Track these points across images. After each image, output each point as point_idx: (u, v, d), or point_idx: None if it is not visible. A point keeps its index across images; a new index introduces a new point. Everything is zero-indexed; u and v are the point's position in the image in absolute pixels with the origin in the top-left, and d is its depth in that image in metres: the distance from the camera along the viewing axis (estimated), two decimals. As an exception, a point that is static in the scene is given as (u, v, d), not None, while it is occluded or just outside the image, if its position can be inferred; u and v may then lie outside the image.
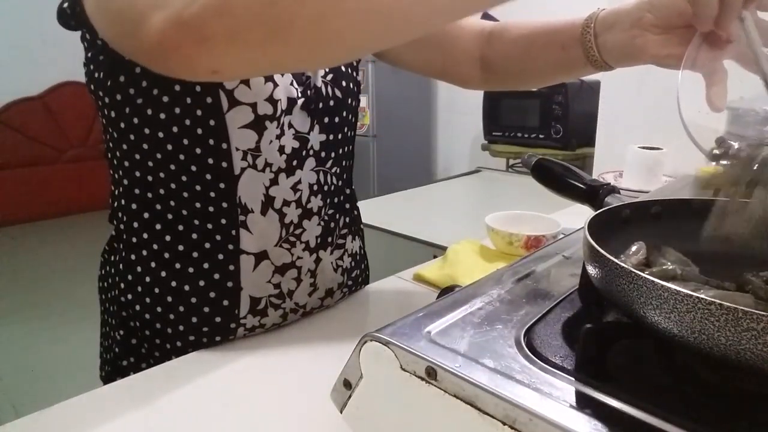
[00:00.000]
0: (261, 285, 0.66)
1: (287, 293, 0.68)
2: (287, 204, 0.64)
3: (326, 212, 0.70)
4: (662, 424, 0.31)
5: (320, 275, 0.71)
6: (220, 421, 0.53)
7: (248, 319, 0.66)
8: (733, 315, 0.29)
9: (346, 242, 0.75)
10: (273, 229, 0.64)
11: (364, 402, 0.41)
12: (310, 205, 0.67)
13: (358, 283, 0.80)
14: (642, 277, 0.33)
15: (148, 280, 0.64)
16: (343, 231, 0.74)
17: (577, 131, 2.43)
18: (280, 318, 0.70)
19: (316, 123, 0.65)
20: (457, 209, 1.89)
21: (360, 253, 0.80)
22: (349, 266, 0.76)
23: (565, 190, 0.63)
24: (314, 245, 0.69)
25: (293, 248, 0.67)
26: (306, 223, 0.67)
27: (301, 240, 0.67)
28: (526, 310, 0.44)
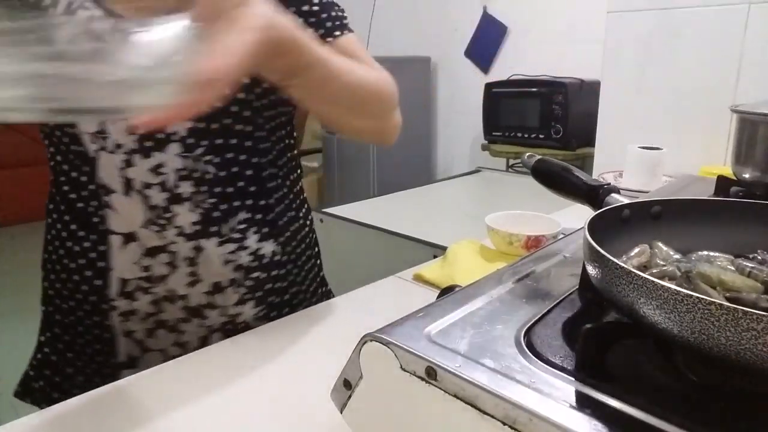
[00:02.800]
0: (129, 266, 0.67)
1: (158, 278, 0.68)
2: (149, 186, 0.66)
3: (204, 200, 0.68)
4: (662, 424, 0.31)
5: (203, 265, 0.69)
6: (221, 421, 0.53)
7: (118, 302, 0.69)
8: (733, 315, 0.29)
9: (247, 239, 0.71)
10: (137, 210, 0.66)
11: (364, 402, 0.41)
12: (180, 191, 0.67)
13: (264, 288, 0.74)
14: (642, 277, 0.33)
15: (54, 257, 0.73)
16: (241, 226, 0.71)
17: (577, 131, 2.43)
18: (152, 305, 0.69)
19: None
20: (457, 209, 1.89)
21: (274, 259, 0.74)
22: (251, 265, 0.72)
23: (565, 190, 0.63)
24: (191, 232, 0.68)
25: (164, 231, 0.67)
26: (176, 208, 0.67)
27: (174, 224, 0.67)
28: (526, 310, 0.44)
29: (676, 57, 1.26)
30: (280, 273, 0.76)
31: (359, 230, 1.56)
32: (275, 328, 0.71)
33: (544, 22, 2.85)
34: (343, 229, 1.61)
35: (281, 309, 0.77)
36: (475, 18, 3.11)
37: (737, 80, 1.17)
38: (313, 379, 0.58)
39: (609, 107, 1.41)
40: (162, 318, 0.70)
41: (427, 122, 3.49)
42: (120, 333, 0.71)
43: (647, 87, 1.32)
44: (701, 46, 1.21)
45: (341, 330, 0.70)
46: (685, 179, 0.95)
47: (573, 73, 2.56)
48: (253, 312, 0.74)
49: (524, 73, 2.82)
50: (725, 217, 0.50)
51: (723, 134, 1.21)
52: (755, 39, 1.14)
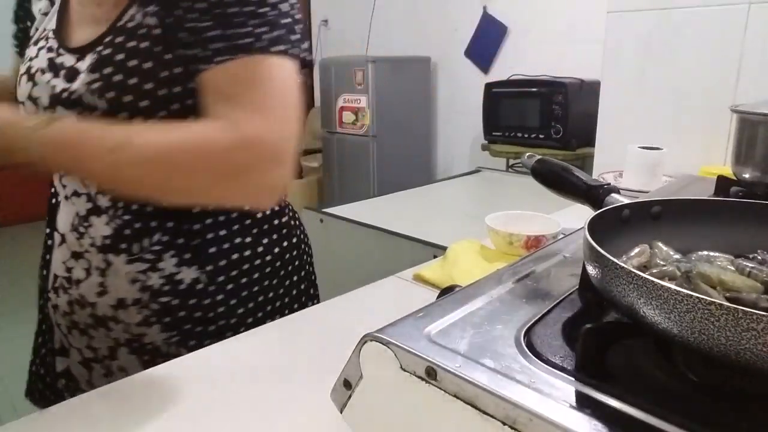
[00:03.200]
0: (60, 264, 0.72)
1: (75, 281, 0.71)
2: (77, 195, 0.70)
3: (118, 215, 0.68)
4: (662, 424, 0.31)
5: (111, 278, 0.68)
6: (220, 421, 0.53)
7: (51, 295, 0.74)
8: (733, 315, 0.29)
9: (162, 261, 0.68)
10: (69, 215, 0.71)
11: (364, 402, 0.41)
12: (100, 203, 0.69)
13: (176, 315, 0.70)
14: (642, 277, 0.33)
15: None
16: (155, 247, 0.68)
17: (577, 131, 2.43)
18: (67, 305, 0.72)
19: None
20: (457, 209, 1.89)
21: (195, 287, 0.70)
22: (162, 289, 0.69)
23: (565, 190, 0.63)
24: (101, 245, 0.68)
25: (81, 239, 0.70)
26: (94, 219, 0.69)
27: (89, 234, 0.69)
28: (526, 310, 0.44)
29: (676, 57, 1.26)
30: (203, 302, 0.71)
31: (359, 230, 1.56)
32: (275, 329, 0.71)
33: (544, 22, 2.85)
34: (343, 229, 1.61)
35: (203, 339, 0.71)
36: (475, 18, 3.12)
37: (737, 80, 1.17)
38: (312, 379, 0.58)
39: (609, 107, 1.41)
40: (74, 319, 0.72)
41: (427, 122, 3.49)
42: (54, 322, 0.75)
43: (647, 87, 1.32)
44: (701, 46, 1.21)
45: (341, 330, 0.70)
46: (685, 179, 0.95)
47: (573, 73, 2.56)
48: (162, 336, 0.70)
49: (524, 73, 2.82)
50: (725, 217, 0.50)
51: (723, 134, 1.21)
52: (755, 39, 1.14)
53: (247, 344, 0.67)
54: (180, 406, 0.55)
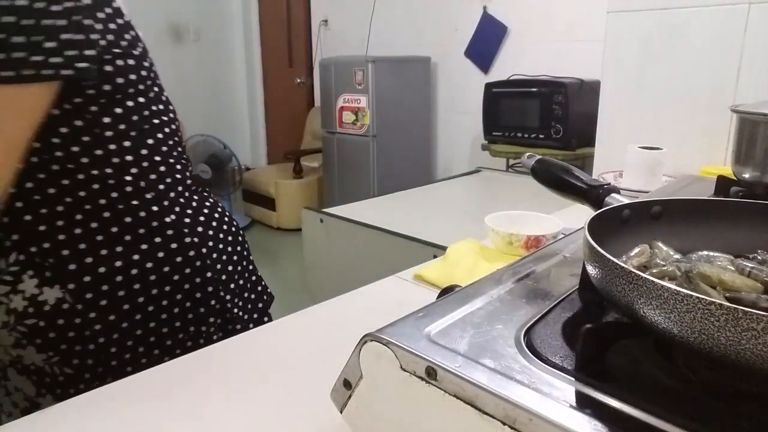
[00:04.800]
0: None
1: None
2: None
3: None
4: (662, 424, 0.31)
5: None
6: (221, 421, 0.53)
7: None
8: (733, 315, 0.29)
9: (22, 282, 0.65)
10: None
11: (364, 402, 0.41)
12: None
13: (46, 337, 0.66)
14: (642, 278, 0.33)
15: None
16: (12, 268, 0.65)
17: (577, 131, 2.43)
18: None
19: None
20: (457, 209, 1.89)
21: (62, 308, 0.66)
22: (25, 311, 0.65)
23: (565, 190, 0.63)
24: None
25: None
26: None
27: None
28: (526, 310, 0.44)
29: (676, 57, 1.26)
30: (74, 322, 0.67)
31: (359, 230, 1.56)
32: (275, 329, 0.71)
33: (544, 22, 2.85)
34: (343, 229, 1.61)
35: (86, 358, 0.68)
36: (475, 18, 3.12)
37: (737, 80, 1.17)
38: (312, 379, 0.58)
39: (609, 107, 1.41)
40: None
41: (427, 122, 3.49)
42: None
43: (647, 87, 1.32)
44: (701, 46, 1.21)
45: (341, 330, 0.70)
46: (685, 179, 0.95)
47: (573, 73, 2.56)
48: (40, 357, 0.67)
49: (524, 73, 2.82)
50: (725, 217, 0.50)
51: (723, 134, 1.21)
52: (755, 39, 1.13)
53: (246, 344, 0.67)
54: (179, 407, 0.55)
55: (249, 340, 0.68)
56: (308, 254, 1.73)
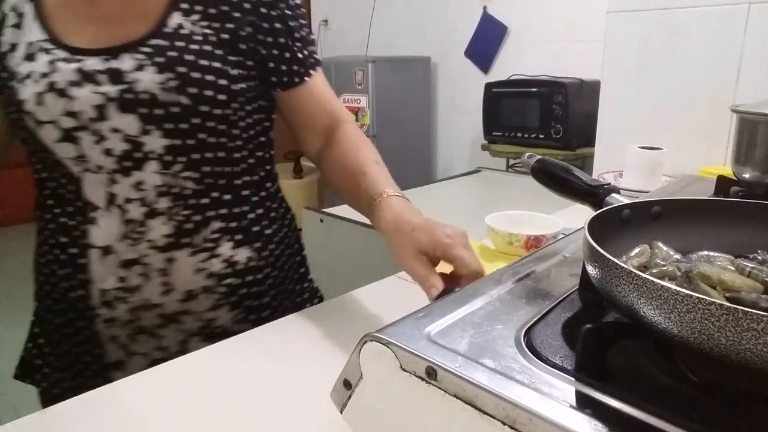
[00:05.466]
0: (107, 277, 0.70)
1: (133, 288, 0.70)
2: (129, 201, 0.68)
3: (178, 213, 0.70)
4: (662, 424, 0.31)
5: (174, 275, 0.71)
6: (220, 421, 0.53)
7: (100, 310, 0.71)
8: (734, 315, 0.29)
9: (219, 247, 0.73)
10: (114, 224, 0.68)
11: (364, 402, 0.41)
12: (157, 206, 0.69)
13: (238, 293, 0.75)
14: (642, 278, 0.33)
15: (43, 260, 0.75)
16: (214, 236, 0.72)
17: (577, 131, 2.43)
18: (129, 313, 0.71)
19: (153, 128, 0.67)
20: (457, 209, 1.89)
21: (249, 265, 0.76)
22: (224, 272, 0.73)
23: (565, 189, 0.63)
24: (163, 244, 0.70)
25: (137, 245, 0.69)
26: (150, 222, 0.69)
27: (146, 238, 0.69)
28: (526, 310, 0.44)
29: (676, 57, 1.26)
30: (256, 278, 0.77)
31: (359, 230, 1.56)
32: (275, 329, 0.71)
33: (544, 22, 2.85)
34: (343, 229, 1.60)
35: (261, 311, 0.78)
36: (475, 18, 3.12)
37: (737, 80, 1.17)
38: (312, 379, 0.58)
39: (609, 107, 1.41)
40: (141, 324, 0.72)
41: (427, 122, 3.49)
42: (105, 338, 0.73)
43: (647, 87, 1.32)
44: (701, 46, 1.21)
45: (341, 330, 0.70)
46: (685, 179, 0.95)
47: (573, 73, 2.56)
48: (230, 316, 0.75)
49: (524, 73, 2.82)
50: (725, 217, 0.50)
51: (723, 134, 1.21)
52: (755, 39, 1.13)
53: (246, 344, 0.67)
54: (178, 407, 0.55)
55: (249, 339, 0.68)
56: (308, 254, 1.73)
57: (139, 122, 0.66)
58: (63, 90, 0.65)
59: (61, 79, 0.65)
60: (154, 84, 0.65)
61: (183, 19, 0.68)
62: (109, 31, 0.67)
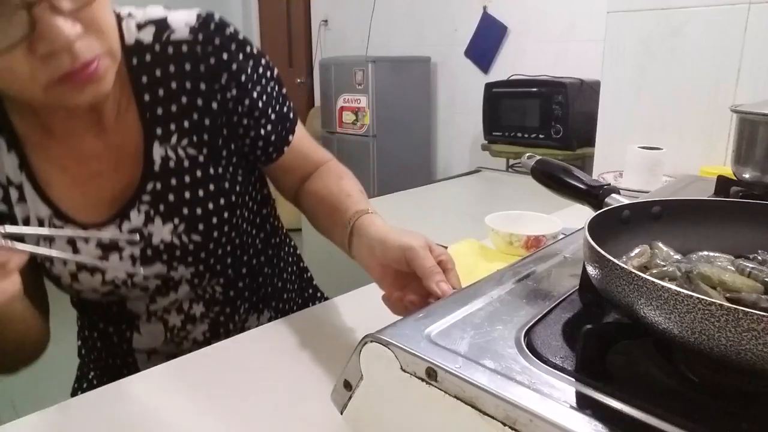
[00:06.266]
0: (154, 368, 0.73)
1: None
2: (168, 312, 0.74)
3: (212, 314, 0.76)
4: (662, 424, 0.31)
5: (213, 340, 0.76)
6: (220, 422, 0.53)
7: None
8: (734, 315, 0.29)
9: (249, 321, 0.81)
10: (158, 332, 0.74)
11: (365, 403, 0.41)
12: (192, 312, 0.75)
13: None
14: (642, 278, 0.33)
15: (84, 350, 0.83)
16: (243, 316, 0.80)
17: (577, 131, 2.43)
18: None
19: (178, 265, 0.70)
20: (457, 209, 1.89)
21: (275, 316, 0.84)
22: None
23: (565, 190, 0.63)
24: (203, 340, 0.76)
25: (181, 345, 0.76)
26: (190, 327, 0.75)
27: (188, 339, 0.76)
28: (526, 310, 0.44)
29: (676, 57, 1.26)
30: None
31: (359, 230, 1.55)
32: (275, 329, 0.71)
33: (544, 22, 2.85)
34: (343, 229, 1.60)
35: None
36: (475, 18, 3.11)
37: (737, 80, 1.17)
38: (313, 379, 0.58)
39: (609, 107, 1.41)
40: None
41: (427, 122, 3.48)
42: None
43: (647, 87, 1.32)
44: (701, 46, 1.21)
45: (341, 331, 0.70)
46: (685, 179, 0.95)
47: (573, 73, 2.56)
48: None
49: (524, 73, 2.82)
50: (725, 218, 0.50)
51: (723, 134, 1.20)
52: (755, 39, 1.13)
53: (246, 344, 0.67)
54: (178, 406, 0.55)
55: (249, 339, 0.68)
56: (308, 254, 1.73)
57: (164, 265, 0.69)
58: (94, 268, 0.67)
59: (87, 261, 0.67)
60: (167, 233, 0.68)
61: (163, 148, 0.66)
62: (105, 186, 0.66)
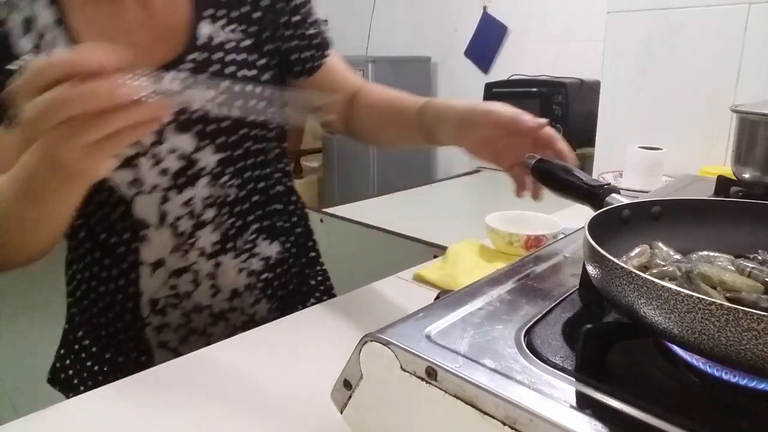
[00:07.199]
0: (158, 288, 0.73)
1: (184, 294, 0.74)
2: (179, 218, 0.71)
3: (223, 221, 0.74)
4: (662, 424, 0.31)
5: (221, 278, 0.75)
6: (220, 422, 0.53)
7: (151, 318, 0.74)
8: (734, 315, 0.29)
9: (257, 246, 0.77)
10: (167, 240, 0.71)
11: (364, 402, 0.41)
12: (204, 217, 0.72)
13: (273, 286, 0.80)
14: (642, 278, 0.33)
15: (79, 276, 0.76)
16: (252, 236, 0.77)
17: (577, 131, 2.43)
18: (182, 317, 0.74)
19: (207, 143, 0.68)
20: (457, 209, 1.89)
21: (279, 258, 0.80)
22: (260, 269, 0.78)
23: (565, 190, 0.63)
24: (211, 251, 0.73)
25: (187, 254, 0.72)
26: (199, 233, 0.72)
27: (195, 247, 0.73)
28: (526, 310, 0.44)
29: (676, 57, 1.26)
30: (283, 269, 0.81)
31: (359, 230, 1.56)
32: (275, 329, 0.71)
33: (544, 22, 2.84)
34: (343, 229, 1.60)
35: (288, 298, 0.83)
36: (475, 18, 3.11)
37: (737, 80, 1.17)
38: (313, 379, 0.58)
39: (609, 107, 1.41)
40: (192, 326, 0.75)
41: (427, 122, 3.48)
42: (155, 344, 0.75)
43: (647, 87, 1.32)
44: (701, 46, 1.21)
45: (341, 330, 0.70)
46: (685, 179, 0.95)
47: (573, 73, 2.56)
48: (266, 308, 0.80)
49: (524, 73, 2.82)
50: (725, 218, 0.50)
51: (723, 134, 1.21)
52: (755, 39, 1.14)
53: (246, 344, 0.67)
54: (177, 407, 0.55)
55: (249, 339, 0.68)
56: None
57: (194, 139, 0.67)
58: None
59: None
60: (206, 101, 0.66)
61: (211, 27, 0.68)
62: (145, 57, 0.65)
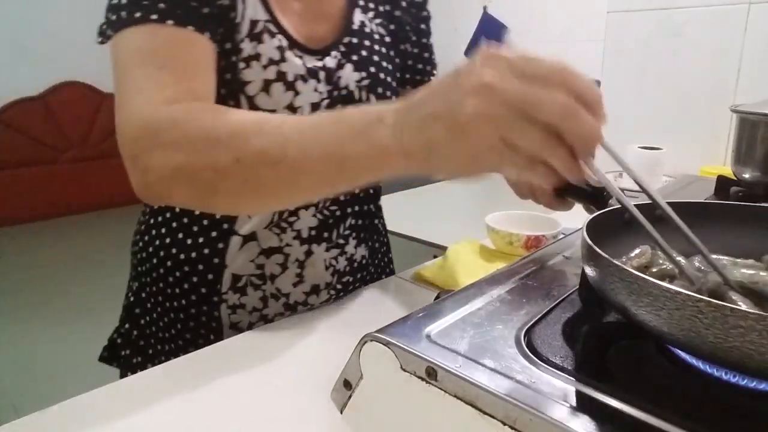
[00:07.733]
0: (244, 264, 0.69)
1: (269, 276, 0.70)
2: None
3: (326, 207, 0.71)
4: (662, 424, 0.31)
5: (309, 268, 0.72)
6: (220, 421, 0.53)
7: (229, 296, 0.70)
8: (721, 313, 0.29)
9: (347, 244, 0.75)
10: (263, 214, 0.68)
11: (364, 402, 0.41)
12: None
13: (347, 290, 0.79)
14: (633, 275, 0.34)
15: (157, 243, 0.72)
16: (346, 232, 0.75)
17: (577, 131, 2.43)
18: (260, 301, 0.71)
19: None
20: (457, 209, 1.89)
21: (361, 262, 0.79)
22: (343, 269, 0.76)
23: (568, 191, 0.63)
24: (306, 236, 0.71)
25: (283, 234, 0.69)
26: (301, 212, 0.69)
27: (293, 228, 0.69)
28: (526, 310, 0.44)
29: (676, 57, 1.26)
30: (362, 275, 0.80)
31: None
32: (276, 328, 0.71)
33: (544, 22, 2.85)
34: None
35: None
36: (475, 18, 3.12)
37: (737, 80, 1.17)
38: (313, 379, 0.58)
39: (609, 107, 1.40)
40: (265, 312, 0.73)
41: (427, 122, 3.48)
42: (227, 324, 0.72)
43: (647, 87, 1.32)
44: (701, 46, 1.21)
45: (341, 330, 0.70)
46: (685, 179, 0.96)
47: (573, 73, 2.56)
48: None
49: (524, 73, 2.82)
50: (727, 220, 0.50)
51: (723, 134, 1.21)
52: (755, 39, 1.14)
53: (246, 344, 0.67)
54: (178, 407, 0.55)
55: (249, 339, 0.68)
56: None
57: None
58: (292, 83, 0.62)
59: (290, 70, 0.62)
60: (353, 82, 0.67)
61: (363, 16, 0.70)
62: (311, 29, 0.66)
